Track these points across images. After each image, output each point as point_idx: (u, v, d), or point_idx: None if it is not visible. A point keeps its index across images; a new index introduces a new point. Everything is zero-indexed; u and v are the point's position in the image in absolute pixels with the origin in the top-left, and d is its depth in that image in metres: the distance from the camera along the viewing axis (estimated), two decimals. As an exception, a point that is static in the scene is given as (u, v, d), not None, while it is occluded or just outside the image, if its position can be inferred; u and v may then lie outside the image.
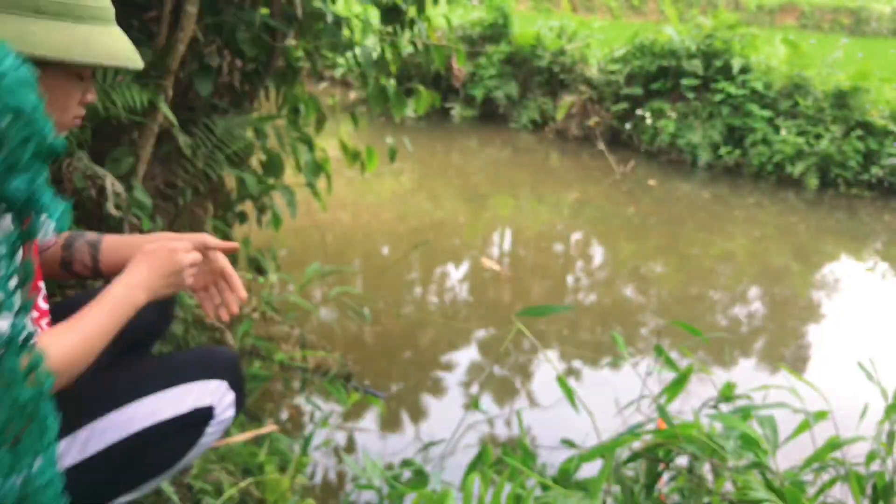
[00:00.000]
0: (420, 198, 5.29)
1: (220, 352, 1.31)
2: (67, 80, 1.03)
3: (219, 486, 1.63)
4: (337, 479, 2.07)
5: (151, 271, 1.15)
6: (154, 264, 1.16)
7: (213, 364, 1.24)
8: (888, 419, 1.27)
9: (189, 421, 1.18)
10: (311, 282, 2.33)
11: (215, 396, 1.21)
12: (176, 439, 1.19)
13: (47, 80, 1.00)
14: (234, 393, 1.23)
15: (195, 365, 1.24)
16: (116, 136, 2.03)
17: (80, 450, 1.13)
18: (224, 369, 1.24)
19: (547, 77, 7.77)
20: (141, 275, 1.14)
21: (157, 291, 1.16)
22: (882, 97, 6.36)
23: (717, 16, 6.97)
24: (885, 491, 1.22)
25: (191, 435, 1.20)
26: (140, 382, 1.19)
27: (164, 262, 1.16)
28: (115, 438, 1.14)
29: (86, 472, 1.13)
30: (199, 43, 2.01)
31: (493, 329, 3.21)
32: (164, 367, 1.24)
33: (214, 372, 1.22)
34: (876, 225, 5.32)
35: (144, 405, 1.16)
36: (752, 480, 1.17)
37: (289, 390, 2.39)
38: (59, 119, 1.06)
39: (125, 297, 1.12)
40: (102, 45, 1.01)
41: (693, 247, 4.65)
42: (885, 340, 3.39)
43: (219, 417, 1.22)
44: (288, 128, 2.39)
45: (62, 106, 1.05)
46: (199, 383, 1.20)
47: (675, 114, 6.86)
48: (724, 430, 1.27)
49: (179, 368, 1.23)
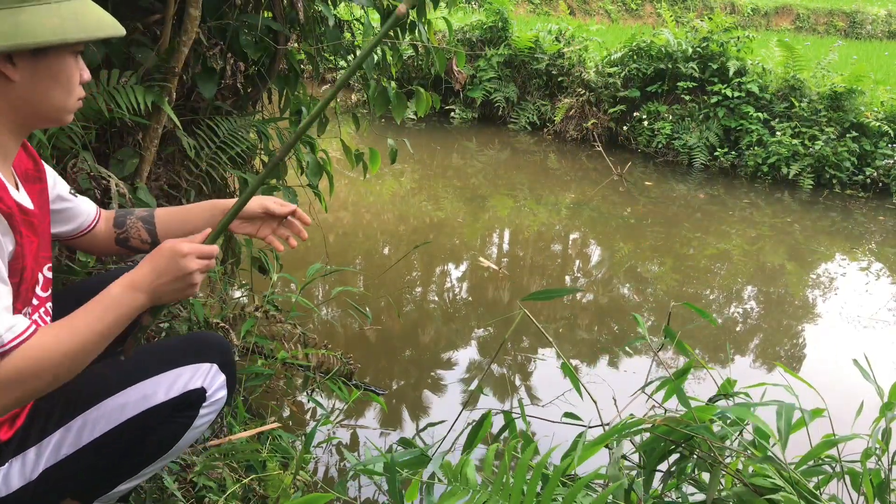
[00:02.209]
0: (420, 198, 5.31)
1: (210, 336, 1.30)
2: (67, 60, 1.04)
3: (221, 482, 1.65)
4: (339, 475, 2.09)
5: (155, 274, 1.07)
6: (158, 266, 1.08)
7: (203, 348, 1.25)
8: (883, 417, 1.29)
9: (181, 403, 1.19)
10: (312, 281, 2.34)
11: (206, 378, 1.21)
12: (170, 423, 1.20)
13: (50, 65, 1.01)
14: (224, 375, 1.24)
15: (185, 349, 1.24)
16: (121, 137, 2.05)
17: (75, 441, 1.14)
18: (214, 352, 1.24)
19: (545, 79, 7.81)
20: (143, 276, 1.07)
21: (161, 295, 1.08)
22: (876, 99, 6.41)
23: (713, 19, 7.01)
24: (880, 488, 1.24)
25: (185, 417, 1.21)
26: (131, 370, 1.19)
27: (168, 266, 1.08)
28: (108, 426, 1.15)
29: (83, 461, 1.14)
30: (202, 45, 2.03)
31: (492, 327, 3.23)
32: (155, 354, 1.24)
33: (204, 355, 1.23)
34: (870, 225, 5.36)
35: (136, 391, 1.16)
36: (766, 468, 1.19)
37: (291, 388, 2.41)
38: (66, 103, 1.06)
39: (125, 298, 1.05)
40: (90, 18, 1.02)
41: (689, 247, 4.68)
42: (879, 339, 3.42)
43: (211, 399, 1.22)
44: (290, 129, 2.41)
45: (68, 89, 1.05)
46: (189, 367, 1.21)
47: (671, 116, 6.90)
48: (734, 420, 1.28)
49: (169, 353, 1.23)
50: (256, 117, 2.37)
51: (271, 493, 1.65)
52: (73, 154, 1.81)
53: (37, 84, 1.01)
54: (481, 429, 1.45)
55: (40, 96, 1.02)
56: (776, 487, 1.17)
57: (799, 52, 6.66)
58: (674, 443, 1.25)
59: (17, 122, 1.04)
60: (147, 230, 1.35)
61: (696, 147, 6.61)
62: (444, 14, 3.14)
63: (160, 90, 1.89)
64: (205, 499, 1.60)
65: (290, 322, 2.32)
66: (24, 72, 0.99)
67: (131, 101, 1.77)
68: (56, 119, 1.07)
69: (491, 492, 1.10)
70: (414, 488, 1.30)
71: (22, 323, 0.98)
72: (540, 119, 7.72)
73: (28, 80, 1.00)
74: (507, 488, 1.09)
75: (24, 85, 1.00)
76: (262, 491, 1.67)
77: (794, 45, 6.78)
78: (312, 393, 2.34)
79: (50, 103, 1.04)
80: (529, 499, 1.05)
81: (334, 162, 2.72)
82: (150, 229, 1.35)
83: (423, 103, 2.45)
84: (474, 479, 1.18)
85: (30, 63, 0.99)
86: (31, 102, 1.02)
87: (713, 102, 6.68)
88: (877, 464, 1.29)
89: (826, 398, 1.41)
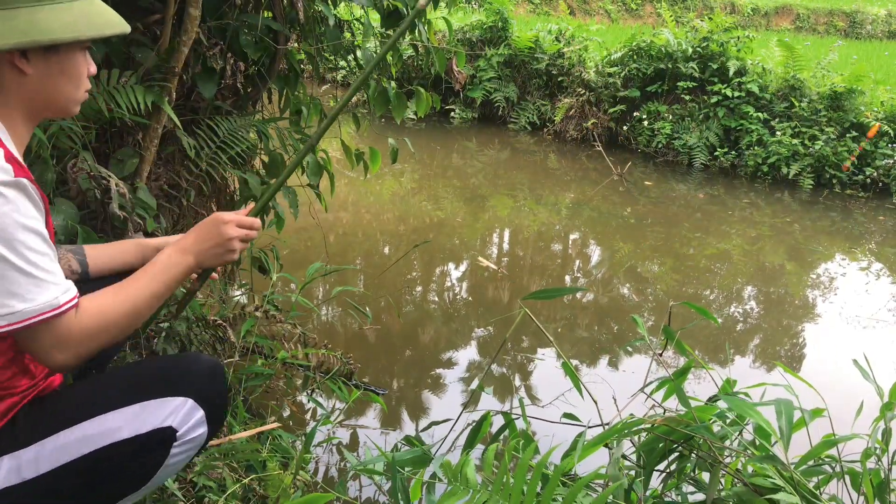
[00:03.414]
0: (420, 198, 5.31)
1: (190, 362, 1.18)
2: (77, 56, 1.11)
3: (221, 482, 1.65)
4: (339, 475, 2.09)
5: (198, 238, 1.22)
6: (202, 233, 1.23)
7: (179, 378, 1.14)
8: (883, 417, 1.29)
9: (149, 442, 1.10)
10: (312, 281, 2.34)
11: (177, 416, 1.11)
12: (139, 460, 1.12)
13: (62, 61, 1.09)
14: (202, 410, 1.13)
15: (157, 379, 1.14)
16: (121, 137, 2.05)
17: (32, 468, 1.07)
18: (191, 384, 1.14)
19: (545, 79, 7.81)
20: (190, 241, 1.21)
21: (204, 259, 1.21)
22: (876, 99, 6.42)
23: (713, 19, 7.01)
24: (880, 488, 1.24)
25: (155, 456, 1.12)
26: (97, 398, 1.12)
27: (210, 232, 1.22)
28: (68, 458, 1.08)
29: (43, 490, 1.08)
30: (202, 45, 2.03)
31: (492, 327, 3.23)
32: (124, 381, 1.15)
33: (178, 387, 1.13)
34: (870, 225, 5.36)
35: (99, 423, 1.09)
36: (767, 468, 1.18)
37: (291, 388, 2.41)
38: (74, 95, 1.13)
39: (175, 259, 1.18)
40: (99, 17, 1.10)
41: (689, 247, 4.68)
42: (879, 339, 3.42)
43: (185, 438, 1.13)
44: (290, 129, 2.41)
45: (77, 82, 1.12)
46: (158, 401, 1.11)
47: (671, 116, 6.90)
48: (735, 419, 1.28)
49: (140, 383, 1.14)
50: (256, 117, 2.37)
51: (271, 493, 1.65)
52: (73, 154, 1.81)
53: (49, 78, 1.08)
54: (481, 429, 1.45)
55: (52, 89, 1.09)
56: (776, 487, 1.17)
57: (799, 52, 6.66)
58: (674, 442, 1.25)
59: (30, 113, 1.11)
60: (77, 261, 1.34)
61: (696, 147, 6.61)
62: (444, 14, 3.14)
63: (160, 90, 1.89)
64: (205, 499, 1.60)
65: (290, 322, 2.32)
66: (37, 66, 1.06)
67: (131, 100, 1.77)
68: (65, 110, 1.14)
69: (491, 491, 1.10)
70: (416, 488, 1.30)
71: (73, 288, 1.06)
72: (540, 119, 7.72)
73: (41, 73, 1.07)
74: (507, 488, 1.09)
75: (36, 78, 1.07)
76: (262, 491, 1.67)
77: (794, 44, 6.78)
78: (312, 393, 2.34)
79: (60, 95, 1.11)
80: (529, 499, 1.05)
81: (334, 162, 2.72)
82: (80, 259, 1.35)
83: (423, 103, 2.45)
84: (474, 478, 1.18)
85: (43, 58, 1.06)
86: (42, 94, 1.09)
87: (713, 102, 6.68)
88: (877, 464, 1.29)
89: (826, 398, 1.41)
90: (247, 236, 1.26)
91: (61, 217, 1.71)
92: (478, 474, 1.21)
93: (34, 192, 1.03)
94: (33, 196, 1.02)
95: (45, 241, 1.03)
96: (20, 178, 1.00)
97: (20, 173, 1.01)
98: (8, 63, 1.04)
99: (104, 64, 1.86)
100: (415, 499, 1.29)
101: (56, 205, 1.73)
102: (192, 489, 1.62)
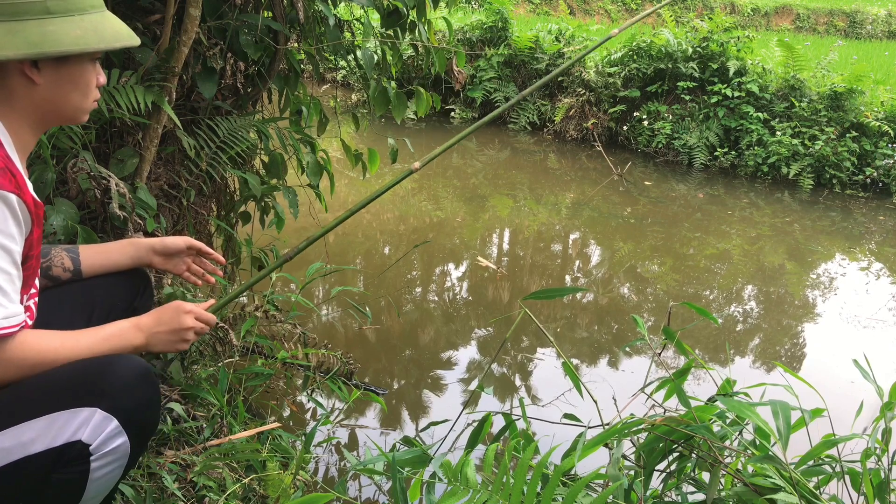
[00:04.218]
0: (420, 198, 5.31)
1: (103, 368, 1.10)
2: (86, 66, 1.14)
3: (221, 482, 1.65)
4: (339, 475, 2.09)
5: (157, 321, 1.23)
6: (162, 316, 1.24)
7: (90, 387, 1.08)
8: (883, 417, 1.29)
9: (64, 456, 1.06)
10: (312, 281, 2.34)
11: (86, 429, 1.05)
12: (59, 474, 1.07)
13: (72, 71, 1.12)
14: (115, 420, 1.07)
15: (66, 389, 1.08)
16: (121, 137, 2.05)
17: None
18: (102, 393, 1.07)
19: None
20: (148, 321, 1.23)
21: (155, 342, 1.22)
22: (876, 99, 6.42)
23: (713, 19, 7.01)
24: (880, 488, 1.24)
25: (75, 470, 1.07)
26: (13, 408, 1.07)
27: (171, 318, 1.24)
28: None
29: None
30: (202, 45, 2.03)
31: (492, 327, 3.23)
32: (38, 390, 1.09)
33: (87, 398, 1.06)
34: (870, 225, 5.36)
35: (13, 436, 1.05)
36: (767, 468, 1.19)
37: (291, 388, 2.41)
38: (83, 104, 1.16)
39: (127, 334, 1.19)
40: (108, 30, 1.12)
41: (689, 247, 4.68)
42: (879, 339, 3.42)
43: (101, 451, 1.07)
44: (290, 129, 2.41)
45: (86, 92, 1.15)
46: (68, 413, 1.06)
47: (671, 116, 6.90)
48: (735, 419, 1.28)
49: (52, 391, 1.08)
50: (256, 117, 2.37)
51: (271, 493, 1.65)
52: (74, 154, 1.81)
53: (59, 87, 1.11)
54: (482, 430, 1.45)
55: (61, 98, 1.13)
56: (776, 487, 1.17)
57: (799, 52, 6.66)
58: (674, 442, 1.25)
59: (38, 121, 1.14)
60: (71, 258, 1.37)
61: (696, 147, 6.61)
62: (444, 14, 3.14)
63: (160, 90, 1.89)
64: (205, 499, 1.60)
65: (290, 322, 2.32)
66: (47, 76, 1.10)
67: (131, 100, 1.77)
68: (73, 118, 1.18)
69: (491, 491, 1.10)
70: (416, 488, 1.30)
71: (21, 315, 1.07)
72: (540, 119, 7.72)
73: (51, 83, 1.10)
74: (507, 488, 1.09)
75: (47, 88, 1.10)
76: (262, 491, 1.67)
77: (794, 44, 6.78)
78: (312, 393, 2.34)
79: (69, 104, 1.14)
80: (529, 499, 1.05)
81: (334, 162, 2.72)
82: (73, 257, 1.38)
83: (423, 103, 2.45)
84: (474, 478, 1.18)
85: (53, 69, 1.10)
86: (52, 103, 1.12)
87: (713, 102, 6.68)
88: (877, 464, 1.29)
89: (826, 398, 1.41)
90: (201, 330, 1.27)
91: (61, 217, 1.71)
92: (478, 474, 1.21)
93: (19, 207, 1.04)
94: (16, 211, 1.04)
95: (13, 261, 1.04)
96: (6, 191, 1.02)
97: (9, 186, 1.02)
98: (18, 72, 1.07)
99: (104, 64, 1.86)
100: (414, 499, 1.29)
101: (56, 205, 1.73)
102: (192, 489, 1.62)
